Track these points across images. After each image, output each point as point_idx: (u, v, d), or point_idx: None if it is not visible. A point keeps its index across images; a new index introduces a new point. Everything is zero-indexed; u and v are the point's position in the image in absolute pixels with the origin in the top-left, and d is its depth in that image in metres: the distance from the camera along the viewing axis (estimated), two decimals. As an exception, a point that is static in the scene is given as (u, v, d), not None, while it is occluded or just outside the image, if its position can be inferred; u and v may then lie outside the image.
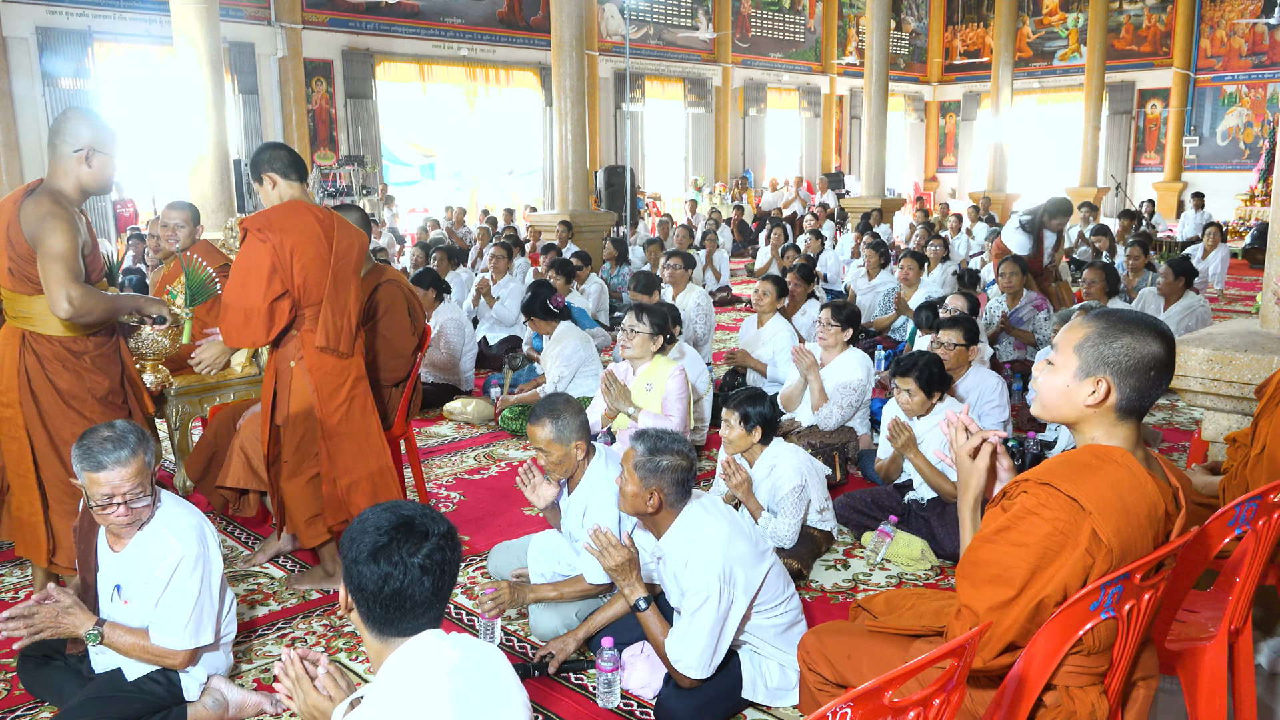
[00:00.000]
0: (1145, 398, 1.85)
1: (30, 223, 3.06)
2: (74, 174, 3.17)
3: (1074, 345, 1.88)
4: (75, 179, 3.18)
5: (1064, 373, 1.89)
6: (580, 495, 3.23)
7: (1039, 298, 6.66)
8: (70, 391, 3.23)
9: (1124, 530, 1.77)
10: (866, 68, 15.00)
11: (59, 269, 3.03)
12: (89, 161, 3.17)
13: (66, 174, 3.17)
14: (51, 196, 3.12)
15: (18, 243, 3.10)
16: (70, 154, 3.15)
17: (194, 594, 2.59)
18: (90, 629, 2.56)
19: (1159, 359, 1.83)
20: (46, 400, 3.21)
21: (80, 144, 3.15)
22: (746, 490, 3.70)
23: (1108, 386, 1.84)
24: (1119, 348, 1.83)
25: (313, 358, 3.35)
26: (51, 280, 3.04)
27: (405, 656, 1.72)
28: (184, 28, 7.89)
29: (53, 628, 2.55)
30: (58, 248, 3.04)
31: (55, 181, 3.17)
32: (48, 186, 3.17)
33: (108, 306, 3.22)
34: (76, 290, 3.05)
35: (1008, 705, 1.85)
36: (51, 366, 3.21)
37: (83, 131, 3.15)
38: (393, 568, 1.69)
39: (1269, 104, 20.44)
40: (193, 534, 2.62)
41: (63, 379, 3.22)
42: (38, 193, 3.14)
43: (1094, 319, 1.88)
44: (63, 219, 3.06)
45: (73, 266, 3.06)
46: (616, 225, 13.91)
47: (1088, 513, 1.76)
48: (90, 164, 3.17)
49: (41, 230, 3.04)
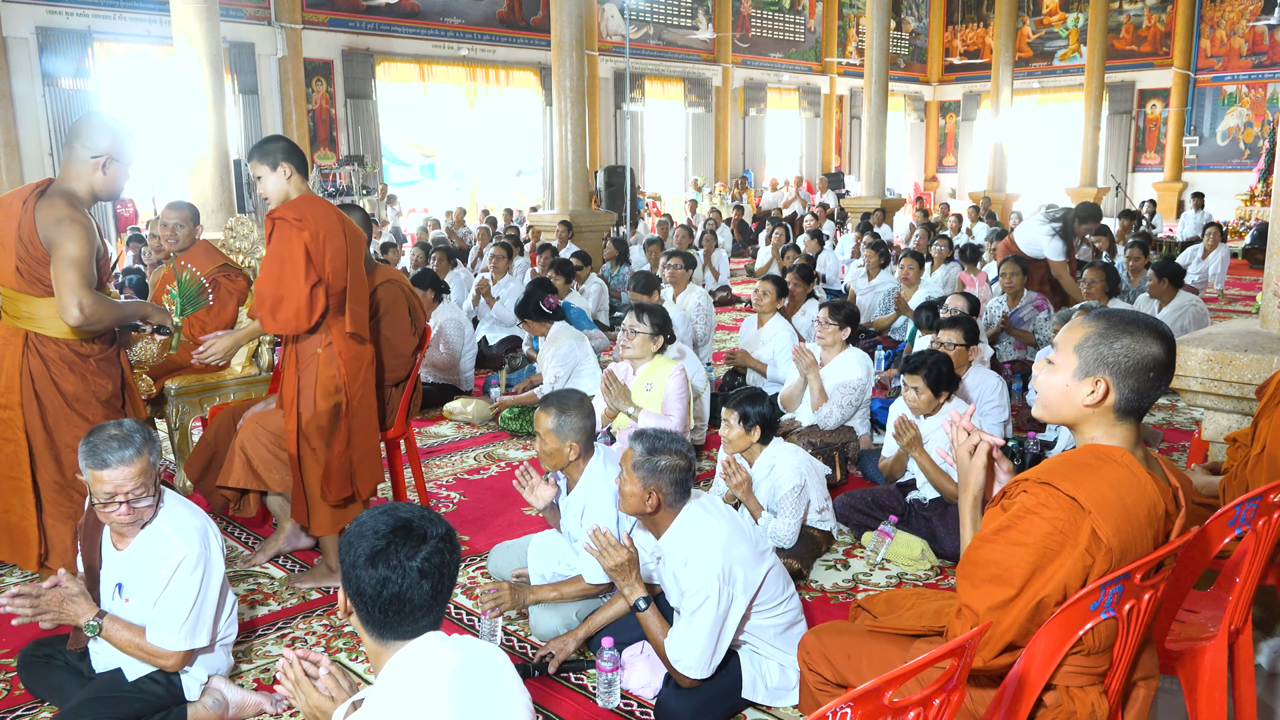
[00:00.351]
0: (1144, 398, 1.85)
1: (47, 225, 3.05)
2: (87, 179, 3.17)
3: (1074, 345, 1.88)
4: (88, 184, 3.17)
5: (1064, 372, 1.89)
6: (579, 495, 3.23)
7: (1039, 298, 6.66)
8: (75, 394, 3.22)
9: (1124, 530, 1.77)
10: (866, 68, 15.00)
11: (73, 275, 3.02)
12: (105, 169, 3.17)
13: (80, 178, 3.16)
14: (67, 199, 3.11)
15: (30, 244, 3.08)
16: (87, 159, 3.14)
17: (193, 595, 2.58)
18: (91, 619, 2.56)
19: (1159, 360, 1.83)
20: (50, 402, 3.19)
21: (99, 151, 3.14)
22: (746, 490, 3.70)
23: (1106, 387, 1.84)
24: (1119, 348, 1.83)
25: (341, 343, 3.44)
26: (64, 286, 3.03)
27: (405, 659, 1.71)
28: (184, 28, 7.88)
29: (55, 613, 2.55)
30: (74, 253, 3.03)
31: (68, 183, 3.16)
32: (61, 188, 3.15)
33: (116, 315, 3.22)
34: (89, 298, 3.04)
35: (1008, 705, 1.85)
36: (57, 369, 3.20)
37: (102, 138, 3.15)
38: (391, 571, 1.69)
39: (1269, 104, 20.44)
40: (196, 535, 2.62)
41: (68, 381, 3.21)
42: (51, 194, 3.12)
43: (1095, 319, 1.88)
44: (81, 224, 3.06)
45: (86, 273, 3.06)
46: (616, 225, 13.91)
47: (1087, 512, 1.76)
48: (105, 171, 3.18)
49: (59, 234, 3.03)
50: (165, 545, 2.59)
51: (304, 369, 3.45)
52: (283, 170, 3.43)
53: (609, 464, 3.21)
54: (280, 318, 3.31)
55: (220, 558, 2.69)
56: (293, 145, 3.50)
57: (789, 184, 19.91)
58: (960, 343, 4.61)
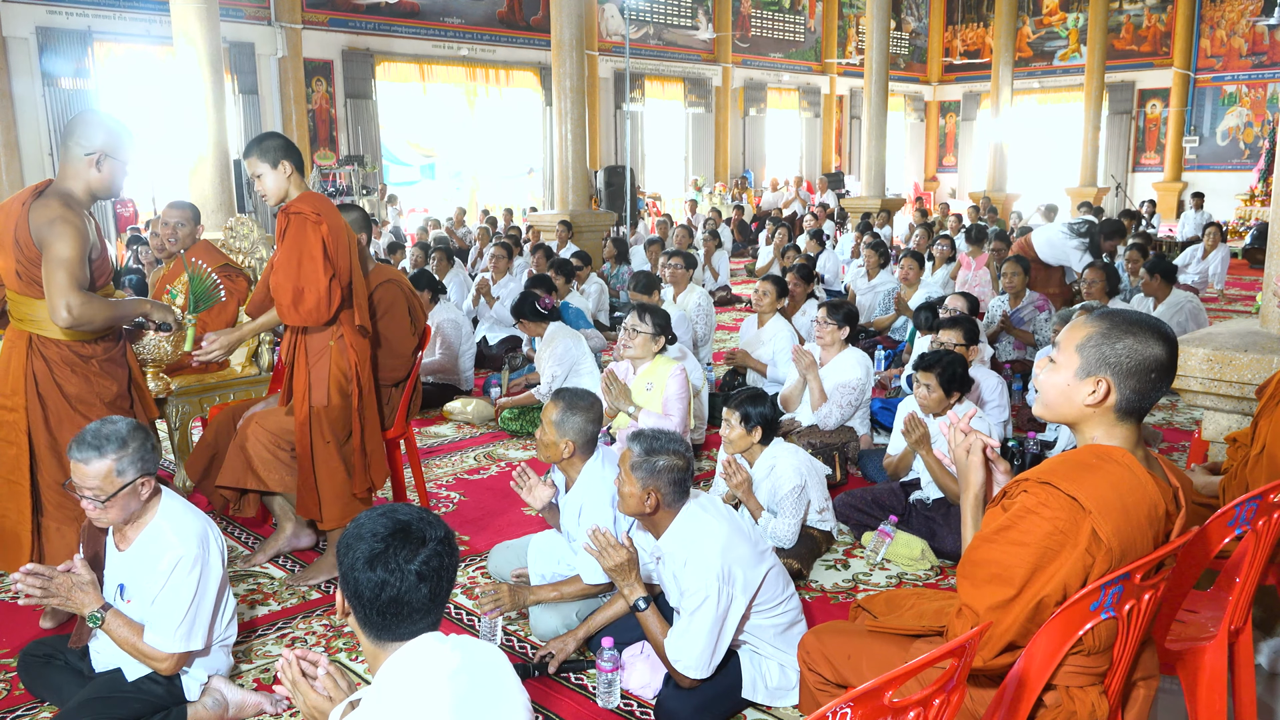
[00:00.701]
0: (1145, 399, 1.85)
1: (39, 225, 3.03)
2: (84, 177, 3.15)
3: (1076, 344, 1.88)
4: (85, 182, 3.16)
5: (1065, 371, 1.89)
6: (576, 495, 3.23)
7: (1040, 298, 6.67)
8: (78, 395, 3.21)
9: (1124, 530, 1.77)
10: (866, 68, 14.99)
11: (61, 276, 3.00)
12: (99, 166, 3.15)
13: (76, 176, 3.14)
14: (62, 199, 3.09)
15: (25, 245, 3.07)
16: (81, 156, 3.12)
17: (189, 596, 2.58)
18: (95, 610, 2.56)
19: (1160, 361, 1.83)
20: (53, 404, 3.19)
21: (92, 148, 3.12)
22: (746, 490, 3.70)
23: (1108, 386, 1.84)
24: (1121, 349, 1.83)
25: (352, 335, 3.56)
26: (53, 287, 3.01)
27: (403, 660, 1.71)
28: (184, 28, 7.88)
29: (63, 599, 2.55)
30: (63, 254, 3.01)
31: (65, 183, 3.15)
32: (57, 188, 3.14)
33: (109, 314, 3.19)
34: (76, 299, 3.02)
35: (1008, 705, 1.85)
36: (60, 370, 3.19)
37: (96, 135, 3.12)
38: (389, 575, 1.68)
39: (1269, 104, 20.44)
40: (194, 536, 2.62)
41: (71, 383, 3.20)
42: (47, 194, 3.11)
43: (1098, 319, 1.88)
44: (72, 224, 3.04)
45: (75, 274, 3.03)
46: (616, 225, 13.91)
47: (1088, 512, 1.76)
48: (101, 168, 3.15)
49: (49, 235, 3.02)
50: (163, 542, 2.59)
51: (315, 362, 3.51)
52: (283, 168, 3.45)
53: (607, 464, 3.21)
54: (303, 309, 3.38)
55: (220, 561, 2.69)
56: (290, 143, 3.53)
57: (789, 184, 19.90)
58: (960, 343, 4.61)
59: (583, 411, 3.19)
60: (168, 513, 2.65)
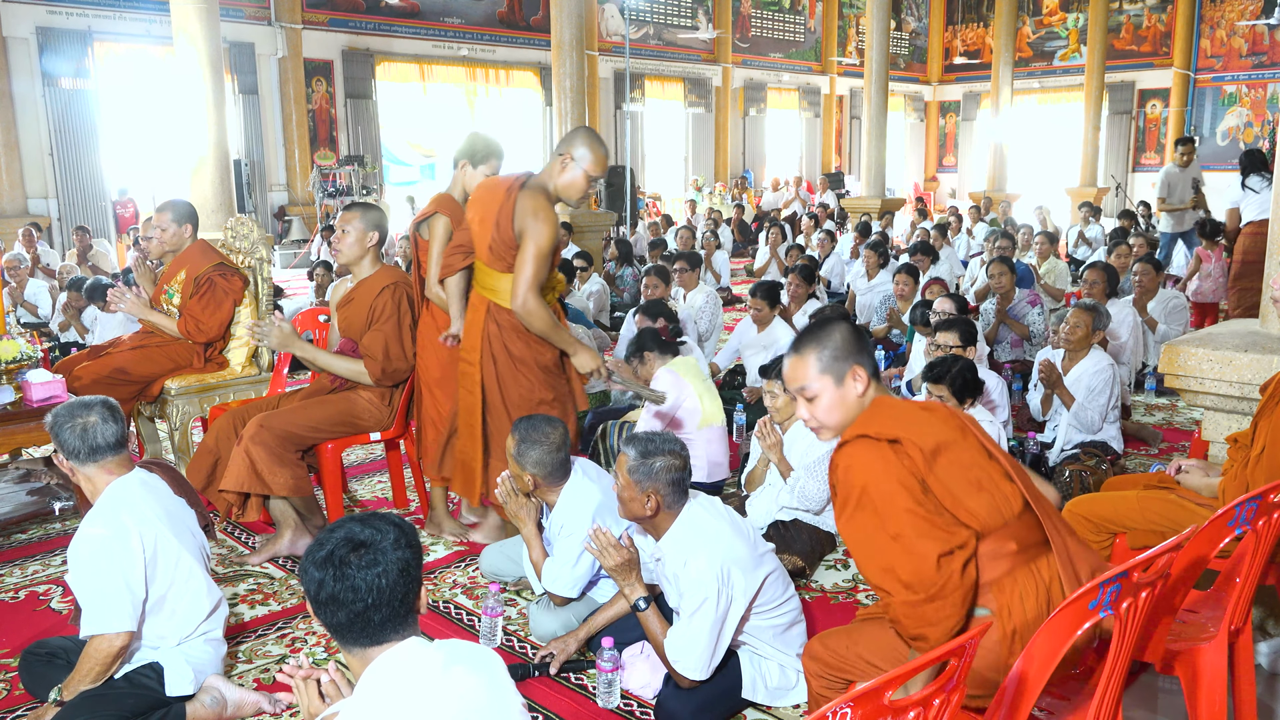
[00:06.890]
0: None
1: (522, 215, 3.45)
2: (556, 178, 3.55)
3: (815, 373, 2.18)
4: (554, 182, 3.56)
5: (824, 393, 2.18)
6: (557, 516, 3.19)
7: (1032, 294, 6.68)
8: (520, 357, 3.65)
9: (907, 427, 2.07)
10: (866, 68, 15.00)
11: (530, 270, 3.43)
12: (565, 168, 3.52)
13: (550, 175, 3.55)
14: (546, 195, 3.51)
15: (504, 228, 3.49)
16: (555, 156, 3.56)
17: (94, 577, 2.54)
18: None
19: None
20: (502, 362, 3.64)
21: (562, 150, 3.53)
22: (779, 452, 3.76)
23: (863, 377, 2.19)
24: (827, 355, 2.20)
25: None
26: (520, 278, 3.44)
27: (386, 665, 1.67)
28: (184, 28, 7.88)
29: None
30: (541, 248, 3.44)
31: (543, 180, 3.56)
32: (539, 183, 3.54)
33: (548, 330, 3.54)
34: (534, 299, 3.45)
35: (1008, 705, 1.85)
36: (509, 335, 3.64)
37: (577, 144, 3.52)
38: (349, 591, 1.65)
39: (1269, 104, 20.44)
40: (111, 517, 2.58)
41: (516, 345, 3.64)
42: (531, 185, 3.51)
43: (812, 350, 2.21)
44: (550, 221, 3.46)
45: (539, 273, 3.46)
46: (617, 225, 13.91)
47: (877, 440, 2.04)
48: (565, 172, 3.53)
49: (531, 226, 3.44)
50: (81, 530, 2.60)
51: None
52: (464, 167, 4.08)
53: (587, 477, 3.20)
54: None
55: (138, 548, 2.58)
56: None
57: (789, 184, 19.91)
58: (957, 344, 4.59)
59: (538, 444, 3.08)
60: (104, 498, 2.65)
